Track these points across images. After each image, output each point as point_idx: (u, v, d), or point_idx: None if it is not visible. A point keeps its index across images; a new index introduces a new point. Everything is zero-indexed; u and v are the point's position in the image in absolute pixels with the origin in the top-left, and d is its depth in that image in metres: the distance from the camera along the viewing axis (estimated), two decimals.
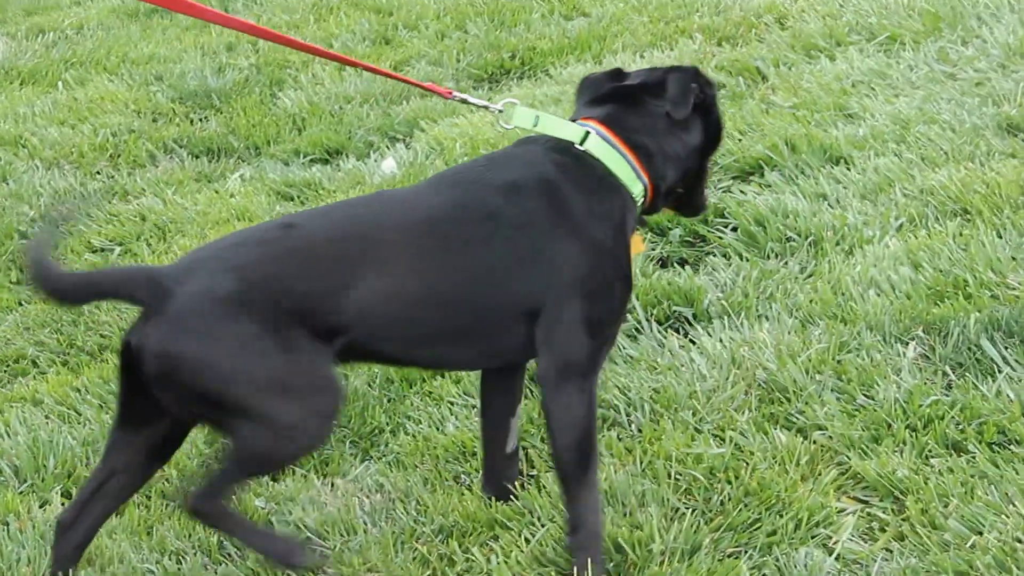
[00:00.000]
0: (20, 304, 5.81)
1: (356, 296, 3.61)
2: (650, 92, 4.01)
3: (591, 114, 4.00)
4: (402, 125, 7.17)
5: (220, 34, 9.20)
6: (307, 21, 9.19)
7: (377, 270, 3.65)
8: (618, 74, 4.15)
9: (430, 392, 4.74)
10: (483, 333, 3.79)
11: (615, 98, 4.04)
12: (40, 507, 4.45)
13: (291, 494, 4.32)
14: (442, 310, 3.72)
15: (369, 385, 4.81)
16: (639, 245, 3.98)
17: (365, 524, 4.13)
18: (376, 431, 4.61)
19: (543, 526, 3.93)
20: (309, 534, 4.11)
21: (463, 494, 4.18)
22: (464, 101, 4.38)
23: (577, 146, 3.87)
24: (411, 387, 4.79)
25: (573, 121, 3.99)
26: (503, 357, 3.90)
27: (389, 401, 4.75)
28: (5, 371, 5.36)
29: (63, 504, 4.40)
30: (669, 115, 3.96)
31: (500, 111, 4.12)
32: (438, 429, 4.53)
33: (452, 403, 4.66)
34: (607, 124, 3.94)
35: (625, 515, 3.92)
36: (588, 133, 3.88)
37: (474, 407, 4.59)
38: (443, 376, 4.80)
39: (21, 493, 4.53)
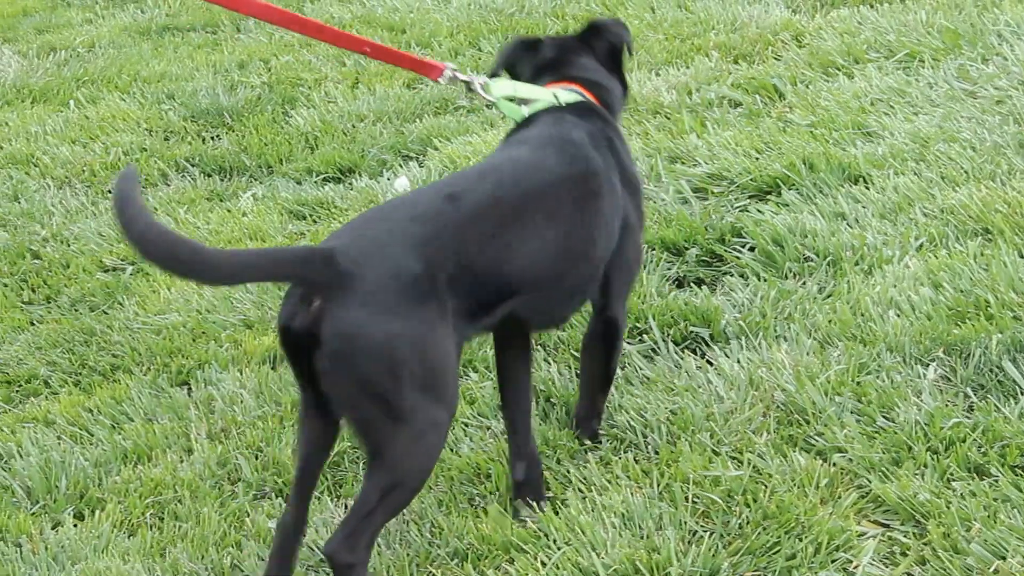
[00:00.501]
0: (32, 324, 5.79)
1: (519, 260, 3.78)
2: (582, 51, 4.52)
3: (558, 78, 4.42)
4: (415, 143, 7.13)
5: (232, 52, 9.19)
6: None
7: (530, 232, 3.82)
8: (536, 42, 4.57)
9: None
10: (592, 282, 4.10)
11: (561, 63, 4.47)
12: (52, 528, 4.43)
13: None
14: (576, 264, 3.97)
15: None
16: None
17: (379, 547, 4.09)
18: None
19: (559, 549, 3.88)
20: (322, 556, 4.05)
21: (478, 516, 4.14)
22: (453, 78, 4.44)
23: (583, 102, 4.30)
24: None
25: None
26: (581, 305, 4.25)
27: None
28: (17, 391, 5.32)
29: (75, 525, 4.40)
30: (605, 65, 4.53)
31: (484, 83, 4.39)
32: (452, 450, 4.48)
33: (466, 424, 4.61)
34: (581, 85, 4.39)
35: (642, 538, 3.88)
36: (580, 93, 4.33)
37: (488, 428, 4.56)
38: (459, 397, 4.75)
39: (33, 514, 4.51)
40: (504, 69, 4.56)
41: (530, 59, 4.53)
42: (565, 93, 4.30)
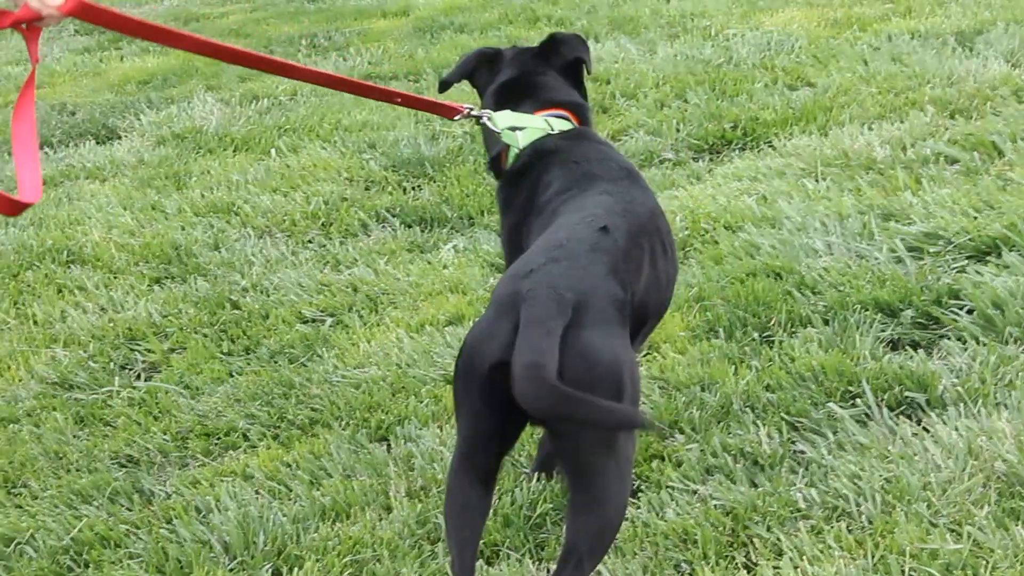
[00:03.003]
0: (231, 375, 5.76)
1: (654, 289, 3.90)
2: (546, 68, 4.67)
3: (541, 104, 4.53)
4: None
5: None
6: None
7: (654, 262, 3.94)
8: (496, 55, 4.77)
9: (647, 476, 4.58)
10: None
11: (536, 86, 4.61)
12: None
13: None
14: (671, 291, 4.15)
15: None
16: None
17: None
18: None
19: None
20: None
21: None
22: (468, 114, 4.57)
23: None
24: None
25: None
26: None
27: None
28: (216, 444, 5.29)
29: None
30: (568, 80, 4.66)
31: (489, 116, 4.50)
32: (657, 515, 4.36)
33: (672, 488, 4.49)
34: (566, 108, 4.53)
35: None
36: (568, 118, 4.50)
37: (695, 493, 4.42)
38: (662, 459, 4.65)
39: (231, 570, 4.47)
40: (464, 79, 4.80)
41: (489, 71, 4.75)
42: (557, 121, 4.46)
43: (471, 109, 4.58)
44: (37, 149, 3.86)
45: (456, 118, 4.62)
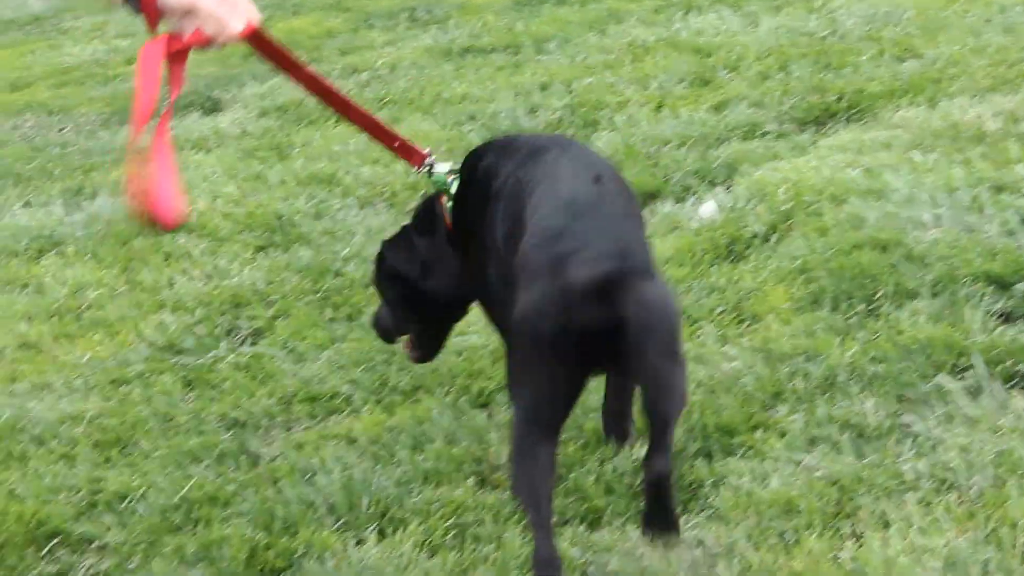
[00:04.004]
0: (333, 342, 5.79)
1: None
2: None
3: None
4: (721, 168, 6.96)
5: (534, 74, 9.16)
6: (623, 61, 9.07)
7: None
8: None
9: (751, 445, 4.57)
10: None
11: None
12: (356, 545, 4.43)
13: (608, 544, 4.22)
14: None
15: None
16: None
17: None
18: (695, 485, 4.46)
19: None
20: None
21: (789, 552, 4.01)
22: (430, 169, 4.64)
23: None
24: (731, 438, 4.65)
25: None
26: None
27: (707, 455, 4.59)
28: (320, 408, 5.33)
29: (378, 543, 4.38)
30: None
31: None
32: (761, 485, 4.35)
33: (776, 458, 4.47)
34: None
35: None
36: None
37: (799, 463, 4.41)
38: (765, 429, 4.64)
39: (336, 531, 4.51)
40: None
41: None
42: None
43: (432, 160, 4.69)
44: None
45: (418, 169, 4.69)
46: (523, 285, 3.93)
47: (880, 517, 4.09)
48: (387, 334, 5.01)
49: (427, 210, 4.74)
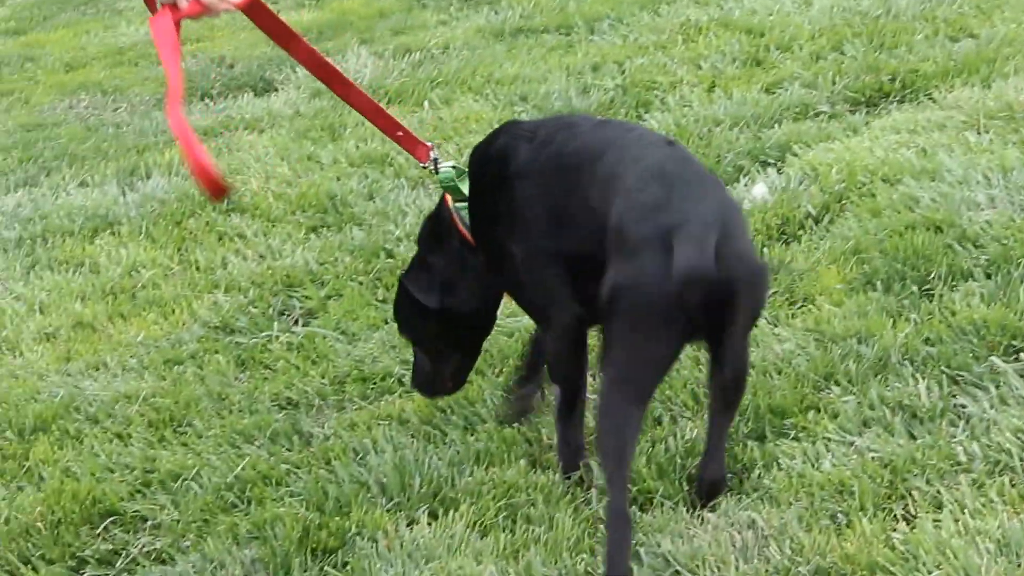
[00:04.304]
0: (385, 322, 5.80)
1: None
2: None
3: None
4: (773, 149, 6.93)
5: (586, 55, 9.14)
6: (675, 42, 9.03)
7: None
8: None
9: (804, 427, 4.57)
10: None
11: None
12: (407, 525, 4.45)
13: (659, 525, 4.23)
14: None
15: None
16: None
17: (737, 561, 4.01)
18: (747, 466, 4.46)
19: (929, 573, 3.73)
20: (678, 567, 4.01)
21: (841, 534, 4.01)
22: (435, 164, 4.64)
23: None
24: (783, 419, 4.64)
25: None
26: None
27: (760, 437, 4.59)
28: (372, 388, 5.35)
29: (430, 524, 4.40)
30: None
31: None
32: (813, 466, 4.35)
33: (828, 439, 4.47)
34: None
35: (1020, 566, 3.70)
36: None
37: (851, 444, 4.40)
38: (818, 410, 4.63)
39: (388, 510, 4.53)
40: None
41: None
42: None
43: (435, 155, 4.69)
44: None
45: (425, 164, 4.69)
46: (623, 256, 3.95)
47: (933, 499, 4.08)
48: (432, 385, 4.84)
49: (433, 222, 4.72)
